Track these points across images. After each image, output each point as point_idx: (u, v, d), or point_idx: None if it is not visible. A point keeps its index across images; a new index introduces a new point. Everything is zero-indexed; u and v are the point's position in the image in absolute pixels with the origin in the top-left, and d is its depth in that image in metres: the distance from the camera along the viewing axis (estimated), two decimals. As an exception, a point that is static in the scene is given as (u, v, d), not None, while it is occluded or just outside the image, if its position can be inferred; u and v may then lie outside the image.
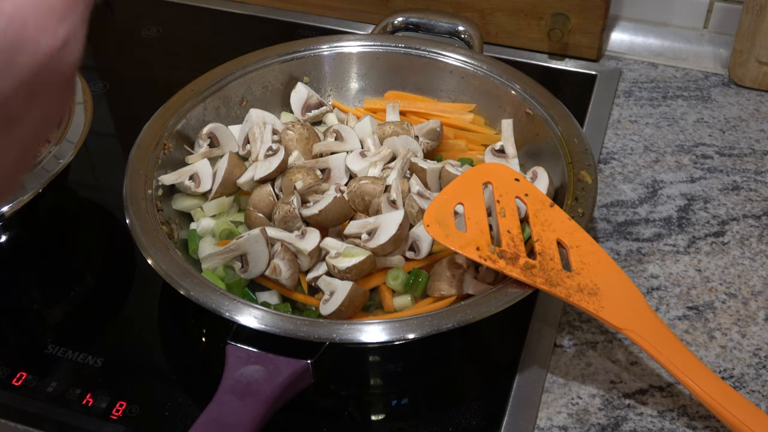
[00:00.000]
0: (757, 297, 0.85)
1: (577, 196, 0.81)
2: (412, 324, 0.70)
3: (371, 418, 0.76)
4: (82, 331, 0.84)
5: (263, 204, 0.85)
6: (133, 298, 0.87)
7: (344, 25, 1.21)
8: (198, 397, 0.75)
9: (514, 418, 0.74)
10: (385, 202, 0.82)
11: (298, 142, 0.89)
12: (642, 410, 0.75)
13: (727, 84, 1.11)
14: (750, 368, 0.78)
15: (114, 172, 0.94)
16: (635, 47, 1.17)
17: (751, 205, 0.94)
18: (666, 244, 0.90)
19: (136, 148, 0.87)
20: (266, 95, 0.98)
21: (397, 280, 0.79)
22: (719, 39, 1.16)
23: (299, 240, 0.80)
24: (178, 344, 0.82)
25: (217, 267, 0.81)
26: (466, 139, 0.95)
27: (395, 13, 1.04)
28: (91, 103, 0.91)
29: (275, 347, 0.71)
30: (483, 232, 0.76)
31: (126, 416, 0.75)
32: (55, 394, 0.77)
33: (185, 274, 0.74)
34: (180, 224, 0.86)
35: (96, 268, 0.92)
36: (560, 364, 0.79)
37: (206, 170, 0.88)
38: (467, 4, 1.15)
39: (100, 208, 0.98)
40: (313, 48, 1.00)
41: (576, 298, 0.72)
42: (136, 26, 1.24)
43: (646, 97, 1.09)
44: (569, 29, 1.12)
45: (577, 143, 0.86)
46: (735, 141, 1.02)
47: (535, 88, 0.93)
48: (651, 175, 0.98)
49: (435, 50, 0.99)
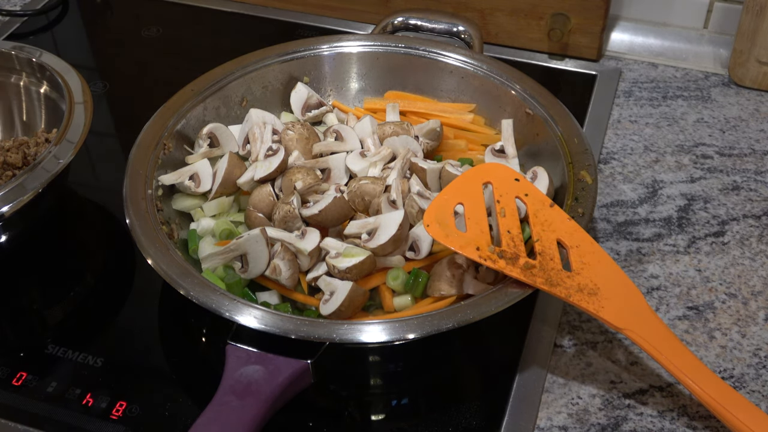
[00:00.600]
0: (757, 297, 0.85)
1: (577, 196, 0.81)
2: (412, 324, 0.70)
3: (371, 418, 0.76)
4: (82, 331, 0.84)
5: (263, 204, 0.85)
6: (133, 298, 0.87)
7: (344, 25, 1.21)
8: (198, 397, 0.75)
9: (514, 418, 0.74)
10: (385, 202, 0.82)
11: (298, 142, 0.89)
12: (642, 410, 0.75)
13: (727, 84, 1.11)
14: (750, 368, 0.78)
15: (114, 172, 0.94)
16: (635, 47, 1.17)
17: (751, 205, 0.94)
18: (666, 244, 0.90)
19: (136, 148, 0.87)
20: (266, 95, 0.98)
21: (397, 280, 0.79)
22: (719, 39, 1.16)
23: (299, 240, 0.80)
24: (178, 344, 0.82)
25: (217, 267, 0.81)
26: (466, 139, 0.95)
27: (395, 13, 1.04)
28: (91, 103, 0.91)
29: (275, 347, 0.71)
30: (483, 232, 0.76)
31: (126, 416, 0.75)
32: (55, 394, 0.77)
33: (185, 274, 0.74)
34: (180, 224, 0.86)
35: (96, 268, 0.92)
36: (560, 364, 0.79)
37: (206, 170, 0.88)
38: (467, 4, 1.15)
39: (100, 208, 0.98)
40: (313, 48, 1.00)
41: (576, 298, 0.72)
42: (136, 26, 1.24)
43: (646, 97, 1.09)
44: (569, 29, 1.12)
45: (577, 143, 0.86)
46: (735, 141, 1.02)
47: (535, 88, 0.93)
48: (651, 175, 0.98)
49: (435, 50, 0.99)
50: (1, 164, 0.91)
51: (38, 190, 0.82)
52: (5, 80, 1.00)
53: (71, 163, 0.85)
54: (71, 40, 1.23)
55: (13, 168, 0.91)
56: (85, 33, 1.25)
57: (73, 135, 0.87)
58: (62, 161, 0.84)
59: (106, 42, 1.23)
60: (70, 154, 0.85)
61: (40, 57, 0.97)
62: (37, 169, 0.83)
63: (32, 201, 0.82)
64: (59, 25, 1.26)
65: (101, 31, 1.25)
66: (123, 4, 1.29)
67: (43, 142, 0.95)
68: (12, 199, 0.80)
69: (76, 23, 1.26)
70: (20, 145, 0.93)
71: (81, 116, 0.89)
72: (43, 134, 0.95)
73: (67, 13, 1.28)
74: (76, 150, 0.85)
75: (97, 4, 1.30)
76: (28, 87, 0.99)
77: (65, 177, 0.90)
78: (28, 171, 0.82)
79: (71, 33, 1.25)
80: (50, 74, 0.95)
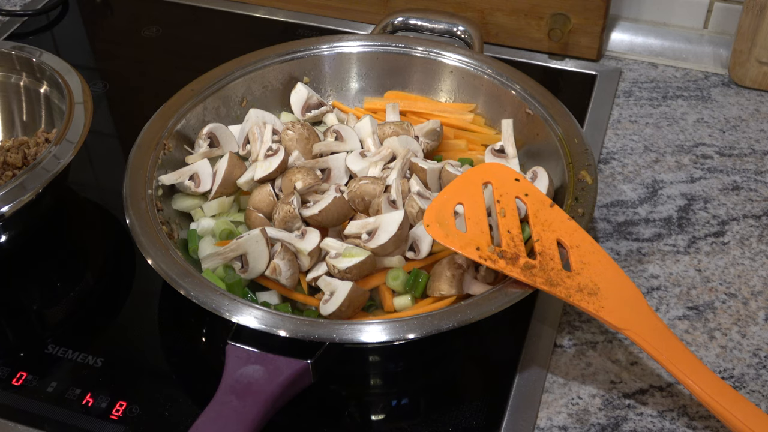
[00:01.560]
0: (757, 297, 0.85)
1: (577, 196, 0.81)
2: (412, 324, 0.70)
3: (371, 418, 0.76)
4: (82, 331, 0.84)
5: (263, 204, 0.85)
6: (133, 298, 0.87)
7: (344, 25, 1.21)
8: (198, 397, 0.75)
9: (514, 418, 0.74)
10: (385, 202, 0.82)
11: (298, 142, 0.89)
12: (642, 410, 0.75)
13: (727, 84, 1.11)
14: (750, 368, 0.78)
15: (114, 172, 0.94)
16: (635, 47, 1.17)
17: (751, 205, 0.94)
18: (666, 244, 0.90)
19: (136, 148, 0.87)
20: (266, 95, 0.98)
21: (397, 281, 0.79)
22: (719, 39, 1.16)
23: (299, 240, 0.80)
24: (178, 344, 0.82)
25: (217, 267, 0.81)
26: (466, 139, 0.95)
27: (395, 13, 1.04)
28: (91, 103, 0.91)
29: (275, 347, 0.71)
30: (483, 232, 0.76)
31: (126, 416, 0.75)
32: (55, 394, 0.77)
33: (185, 274, 0.74)
34: (180, 224, 0.86)
35: (96, 268, 0.92)
36: (560, 364, 0.79)
37: (206, 170, 0.88)
38: (467, 4, 1.15)
39: (100, 208, 0.98)
40: (313, 48, 1.00)
41: (576, 298, 0.72)
42: (136, 26, 1.24)
43: (646, 97, 1.09)
44: (569, 29, 1.12)
45: (577, 143, 0.86)
46: (735, 141, 1.02)
47: (535, 88, 0.93)
48: (651, 175, 0.98)
49: (435, 50, 0.99)
50: (1, 164, 0.91)
51: (38, 190, 0.82)
52: (5, 80, 1.00)
53: (71, 163, 0.85)
54: (71, 40, 1.23)
55: (13, 168, 0.92)
56: (85, 33, 1.25)
57: (73, 135, 0.87)
58: (62, 161, 0.84)
59: (106, 42, 1.23)
60: (70, 154, 0.85)
61: (40, 57, 0.97)
62: (37, 169, 0.83)
63: (32, 201, 0.82)
64: (59, 25, 1.26)
65: (101, 31, 1.25)
66: (123, 4, 1.29)
67: (43, 142, 0.95)
68: (12, 199, 0.80)
69: (76, 23, 1.26)
70: (20, 145, 0.93)
71: (81, 116, 0.89)
72: (43, 134, 0.95)
73: (67, 13, 1.28)
74: (76, 150, 0.85)
75: (97, 4, 1.30)
76: (28, 87, 0.99)
77: (65, 177, 0.90)
78: (28, 171, 0.82)
79: (71, 33, 1.25)
80: (50, 74, 0.95)
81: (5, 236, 0.86)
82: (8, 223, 0.84)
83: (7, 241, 0.87)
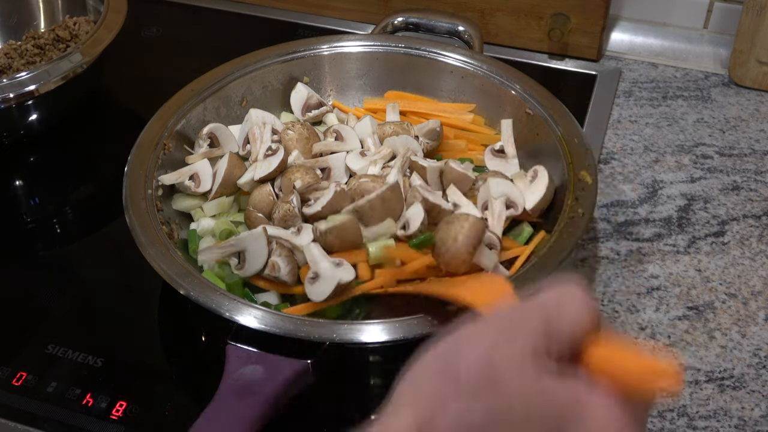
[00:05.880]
0: (757, 297, 0.85)
1: (577, 196, 0.81)
2: (413, 324, 0.70)
3: (371, 418, 0.76)
4: (82, 331, 0.84)
5: (263, 204, 0.84)
6: (133, 298, 0.87)
7: (344, 25, 1.21)
8: (198, 397, 0.75)
9: (514, 418, 0.74)
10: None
11: (298, 141, 0.89)
12: (642, 410, 0.75)
13: (727, 84, 1.11)
14: (750, 368, 0.78)
15: (114, 172, 0.94)
16: (635, 47, 1.17)
17: (751, 205, 0.94)
18: (666, 244, 0.90)
19: (136, 148, 0.87)
20: (266, 95, 0.98)
21: (374, 248, 0.76)
22: (719, 39, 1.16)
23: (295, 236, 0.80)
24: (178, 344, 0.82)
25: (213, 262, 0.80)
26: (466, 139, 0.95)
27: (395, 13, 1.04)
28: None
29: (275, 347, 0.71)
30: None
31: (126, 416, 0.75)
32: (55, 394, 0.77)
33: (185, 274, 0.74)
34: (180, 224, 0.86)
35: (96, 267, 0.92)
36: (560, 364, 0.79)
37: (206, 170, 0.88)
38: (467, 4, 1.15)
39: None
40: (313, 48, 1.00)
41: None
42: (136, 26, 1.24)
43: (646, 97, 1.09)
44: (569, 29, 1.12)
45: (577, 143, 0.86)
46: (735, 141, 1.02)
47: (535, 88, 0.93)
48: (651, 175, 0.98)
49: (435, 50, 0.99)
50: (53, 40, 1.06)
51: (69, 75, 0.94)
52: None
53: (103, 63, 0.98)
54: (71, 40, 1.23)
55: (64, 41, 1.06)
56: (85, 33, 1.25)
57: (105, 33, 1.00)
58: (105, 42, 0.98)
59: (106, 42, 1.23)
60: (113, 33, 1.00)
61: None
62: (88, 42, 0.97)
63: (77, 77, 0.95)
64: (59, 25, 1.26)
65: (101, 31, 1.25)
66: (123, 4, 1.29)
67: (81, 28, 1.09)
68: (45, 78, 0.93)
69: (76, 23, 1.26)
70: (66, 27, 1.08)
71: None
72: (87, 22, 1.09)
73: (67, 13, 1.28)
74: (118, 27, 1.01)
75: (97, 4, 1.29)
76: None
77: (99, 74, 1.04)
78: (80, 44, 0.97)
79: (71, 33, 1.24)
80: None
81: (39, 114, 0.98)
82: (47, 97, 0.95)
83: (38, 120, 0.99)
